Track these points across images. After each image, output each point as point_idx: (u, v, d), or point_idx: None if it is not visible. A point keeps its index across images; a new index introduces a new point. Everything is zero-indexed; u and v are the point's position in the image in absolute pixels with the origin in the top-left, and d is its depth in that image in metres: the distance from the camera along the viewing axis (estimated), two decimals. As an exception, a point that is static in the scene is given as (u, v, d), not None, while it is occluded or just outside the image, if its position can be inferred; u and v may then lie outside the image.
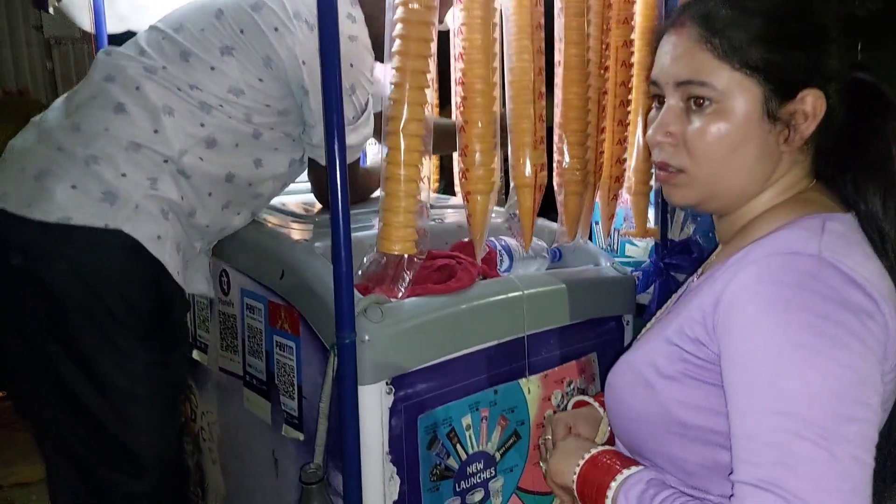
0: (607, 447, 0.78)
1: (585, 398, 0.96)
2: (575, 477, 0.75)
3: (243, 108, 1.16)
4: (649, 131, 0.73)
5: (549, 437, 0.88)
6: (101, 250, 1.08)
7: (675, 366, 0.68)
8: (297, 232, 1.23)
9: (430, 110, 1.00)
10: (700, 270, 0.80)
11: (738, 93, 0.67)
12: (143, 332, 1.13)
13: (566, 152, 1.18)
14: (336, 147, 0.90)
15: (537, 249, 1.44)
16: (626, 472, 0.70)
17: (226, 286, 1.33)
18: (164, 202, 1.12)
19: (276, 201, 1.37)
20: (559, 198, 1.23)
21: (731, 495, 0.59)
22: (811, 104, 0.67)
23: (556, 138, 1.24)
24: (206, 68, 1.14)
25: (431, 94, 1.01)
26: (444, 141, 1.24)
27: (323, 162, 1.22)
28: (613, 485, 0.70)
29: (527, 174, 1.13)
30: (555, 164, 1.24)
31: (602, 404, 0.91)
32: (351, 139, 1.23)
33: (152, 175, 1.11)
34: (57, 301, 1.08)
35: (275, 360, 1.20)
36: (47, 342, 1.09)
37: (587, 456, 0.75)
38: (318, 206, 1.38)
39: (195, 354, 1.46)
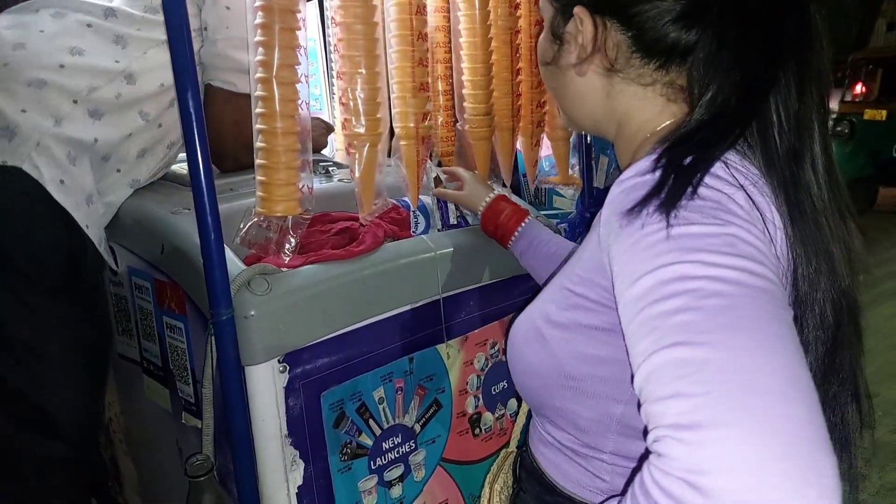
0: None
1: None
2: None
3: (161, 28, 1.09)
4: None
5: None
6: (1, 192, 1.00)
7: (565, 313, 0.62)
8: (179, 200, 1.11)
9: (304, 54, 0.89)
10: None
11: (545, 13, 0.68)
12: (52, 288, 1.05)
13: (467, 98, 1.08)
14: (189, 96, 0.78)
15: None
16: None
17: (115, 264, 1.20)
18: (71, 144, 1.05)
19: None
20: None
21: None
22: (580, 26, 0.62)
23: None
24: None
25: (304, 37, 0.89)
26: None
27: (219, 83, 1.16)
28: None
29: (409, 124, 1.02)
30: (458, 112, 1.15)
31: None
32: (244, 55, 1.12)
33: (57, 113, 1.04)
34: None
35: (167, 342, 1.09)
36: None
37: None
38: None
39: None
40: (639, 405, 0.45)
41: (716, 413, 0.39)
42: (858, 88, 5.90)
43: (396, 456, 1.08)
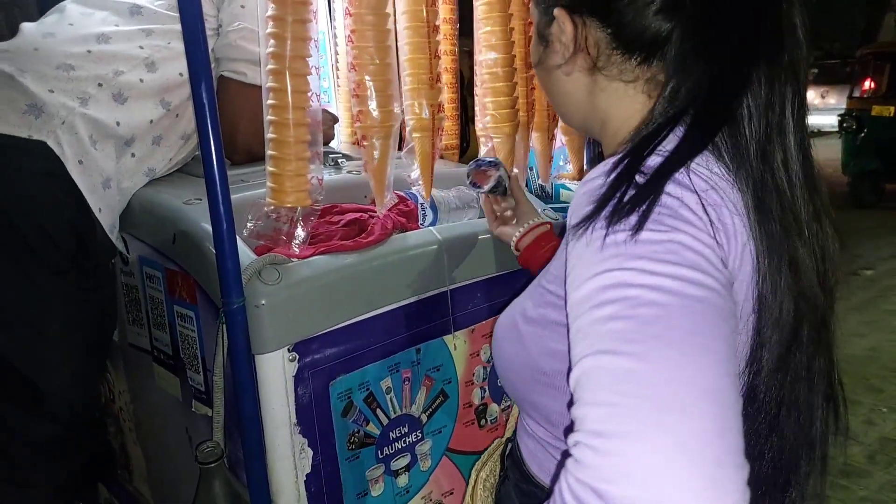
0: None
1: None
2: None
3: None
4: None
5: None
6: (19, 169, 1.02)
7: (538, 309, 0.64)
8: (191, 189, 1.12)
9: (315, 47, 0.89)
10: None
11: (533, 16, 0.69)
12: (59, 267, 1.07)
13: (489, 92, 1.08)
14: (203, 87, 0.79)
15: (465, 199, 1.36)
16: None
17: (126, 251, 1.22)
18: (94, 126, 1.08)
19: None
20: (489, 142, 1.14)
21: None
22: (562, 26, 0.63)
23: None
24: None
25: (316, 30, 0.90)
26: None
27: (229, 73, 1.19)
28: None
29: (424, 116, 1.03)
30: (478, 108, 1.15)
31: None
32: (255, 47, 1.15)
33: (83, 95, 1.08)
34: None
35: (178, 331, 1.10)
36: None
37: None
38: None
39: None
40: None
41: (627, 424, 0.40)
42: (867, 84, 5.87)
43: (403, 445, 1.09)
